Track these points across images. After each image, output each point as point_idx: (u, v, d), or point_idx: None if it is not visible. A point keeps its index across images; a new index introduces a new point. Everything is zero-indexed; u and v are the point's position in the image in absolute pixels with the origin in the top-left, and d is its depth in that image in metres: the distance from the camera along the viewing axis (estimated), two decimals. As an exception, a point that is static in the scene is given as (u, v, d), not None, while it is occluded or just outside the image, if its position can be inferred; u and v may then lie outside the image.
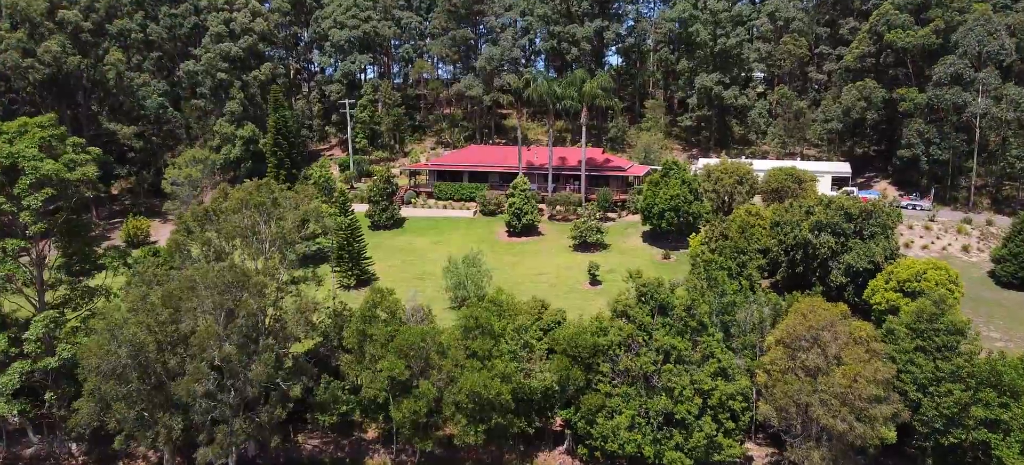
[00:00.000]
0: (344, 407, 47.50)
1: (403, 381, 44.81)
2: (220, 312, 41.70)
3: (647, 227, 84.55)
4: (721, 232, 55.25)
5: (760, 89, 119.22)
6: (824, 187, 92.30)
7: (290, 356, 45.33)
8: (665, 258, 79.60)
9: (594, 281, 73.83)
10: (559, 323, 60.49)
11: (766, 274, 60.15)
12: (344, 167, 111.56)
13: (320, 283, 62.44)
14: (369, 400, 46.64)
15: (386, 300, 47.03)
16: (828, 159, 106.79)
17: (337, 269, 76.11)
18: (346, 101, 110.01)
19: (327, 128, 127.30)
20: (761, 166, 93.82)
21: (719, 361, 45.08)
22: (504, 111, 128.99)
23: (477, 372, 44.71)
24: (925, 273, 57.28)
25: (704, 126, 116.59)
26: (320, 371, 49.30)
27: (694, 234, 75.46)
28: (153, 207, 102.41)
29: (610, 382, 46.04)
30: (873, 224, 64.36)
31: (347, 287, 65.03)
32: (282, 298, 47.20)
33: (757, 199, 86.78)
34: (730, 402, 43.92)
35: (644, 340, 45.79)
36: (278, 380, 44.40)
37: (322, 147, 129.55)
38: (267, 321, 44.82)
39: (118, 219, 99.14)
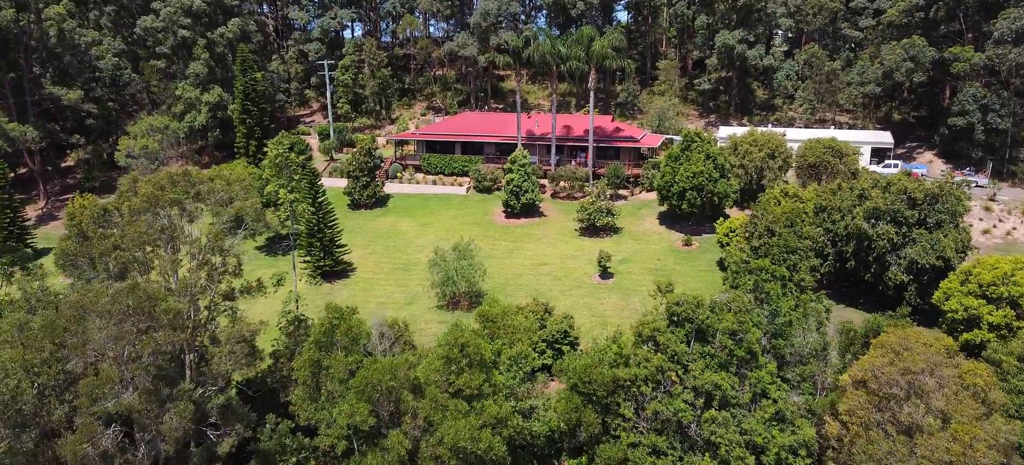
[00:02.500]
0: (294, 459, 37.36)
1: (367, 430, 34.63)
2: (121, 347, 31.33)
3: (664, 207, 73.91)
4: (767, 226, 44.73)
5: (784, 48, 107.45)
6: (863, 160, 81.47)
7: (220, 397, 34.93)
8: (686, 244, 69.10)
9: (605, 273, 63.43)
10: (566, 334, 50.39)
11: (817, 274, 49.68)
12: (325, 135, 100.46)
13: (280, 283, 52.24)
14: (325, 450, 36.51)
15: (346, 322, 36.54)
16: (863, 126, 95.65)
17: (307, 259, 65.66)
18: (324, 62, 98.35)
19: (307, 92, 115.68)
20: (794, 136, 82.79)
21: (775, 402, 34.87)
22: (501, 73, 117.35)
23: (462, 418, 34.43)
24: (1013, 275, 46.85)
25: (723, 90, 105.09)
26: (266, 408, 39.14)
27: (722, 220, 64.84)
28: (110, 182, 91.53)
29: (634, 428, 35.86)
30: (940, 210, 53.78)
31: (317, 281, 54.51)
32: (214, 318, 36.81)
33: (790, 175, 75.98)
34: (791, 459, 33.81)
35: (678, 376, 35.48)
36: (205, 429, 34.21)
37: (302, 113, 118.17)
38: (190, 355, 34.45)
39: (70, 196, 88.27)
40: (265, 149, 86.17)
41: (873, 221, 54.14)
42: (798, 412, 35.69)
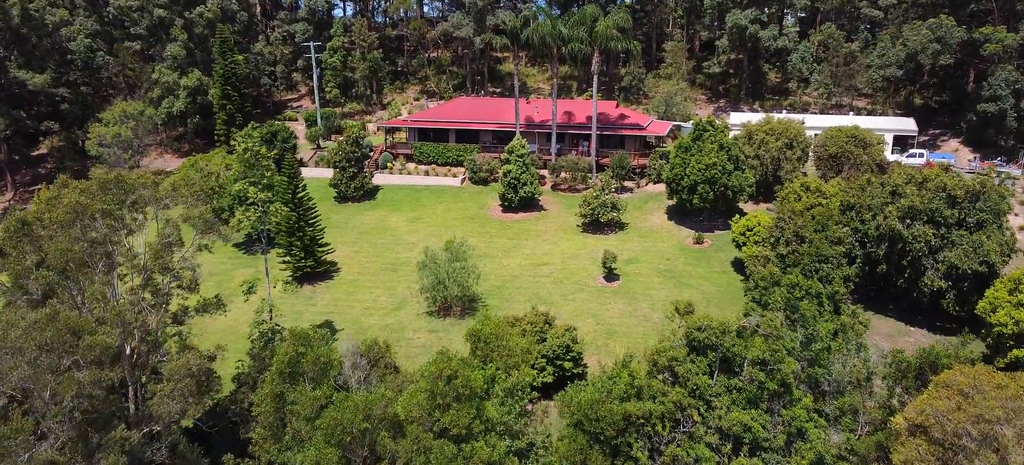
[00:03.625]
0: (254, 510, 32.33)
1: (337, 479, 29.61)
2: (41, 388, 26.22)
3: (673, 201, 68.60)
4: (795, 231, 39.47)
5: (796, 29, 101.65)
6: (886, 150, 75.95)
7: (165, 439, 29.81)
8: (697, 242, 63.88)
9: (610, 275, 58.26)
10: (568, 349, 45.27)
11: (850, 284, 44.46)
12: (312, 122, 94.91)
13: (251, 290, 47.14)
14: (290, 499, 31.54)
15: (313, 351, 31.36)
16: (883, 112, 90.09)
17: (286, 260, 60.48)
18: (311, 43, 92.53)
19: (294, 75, 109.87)
20: (811, 124, 77.33)
21: (813, 446, 29.83)
22: (499, 55, 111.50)
23: (449, 463, 29.43)
24: (1069, 285, 41.71)
25: (733, 73, 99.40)
26: (224, 446, 34.14)
27: (737, 217, 59.60)
28: (83, 171, 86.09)
29: (648, 474, 30.82)
30: (981, 209, 48.54)
31: (292, 288, 49.35)
32: (160, 346, 31.67)
33: (809, 166, 70.64)
34: (834, 515, 28.86)
35: (701, 414, 30.40)
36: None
37: (290, 97, 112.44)
38: (132, 388, 29.34)
39: (40, 187, 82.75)
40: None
41: (908, 221, 48.92)
42: (839, 454, 30.67)
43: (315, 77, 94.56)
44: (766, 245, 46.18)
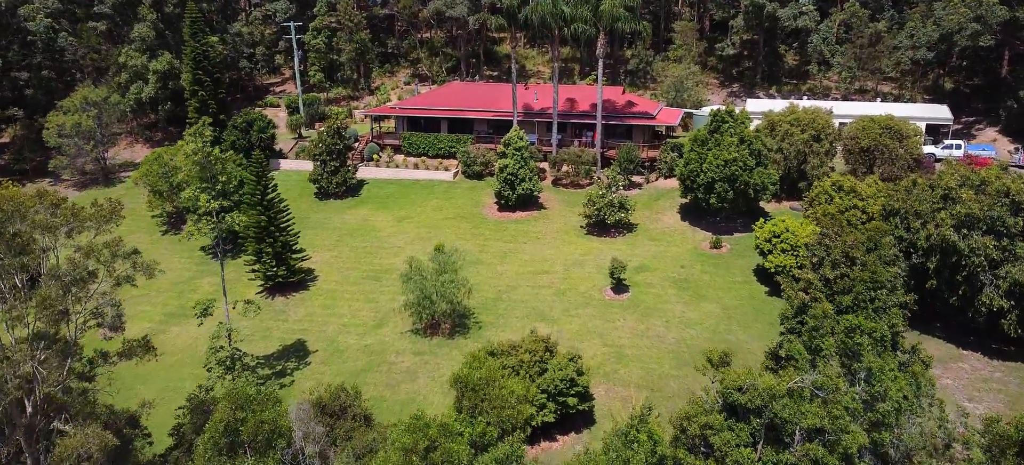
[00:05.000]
0: None
1: None
2: None
3: (686, 199, 62.07)
4: (844, 251, 32.92)
5: (815, 7, 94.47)
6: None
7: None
8: (714, 246, 57.42)
9: (619, 286, 51.84)
10: (573, 382, 38.87)
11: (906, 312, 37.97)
12: (293, 109, 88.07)
13: (205, 313, 40.74)
14: None
15: (255, 415, 25.00)
16: (911, 98, 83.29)
17: (255, 269, 54.05)
18: (292, 23, 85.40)
19: (277, 58, 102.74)
20: (839, 112, 70.56)
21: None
22: (496, 35, 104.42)
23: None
24: None
25: (747, 55, 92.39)
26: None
27: (761, 221, 53.07)
28: (42, 165, 79.44)
29: None
30: (1046, 216, 42.05)
31: (254, 311, 42.86)
32: (51, 423, 25.27)
33: (837, 161, 64.03)
34: None
35: (742, 500, 24.09)
36: None
37: (273, 81, 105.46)
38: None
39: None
40: (223, 120, 74.29)
41: (964, 231, 42.41)
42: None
43: (296, 60, 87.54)
44: (805, 264, 39.59)
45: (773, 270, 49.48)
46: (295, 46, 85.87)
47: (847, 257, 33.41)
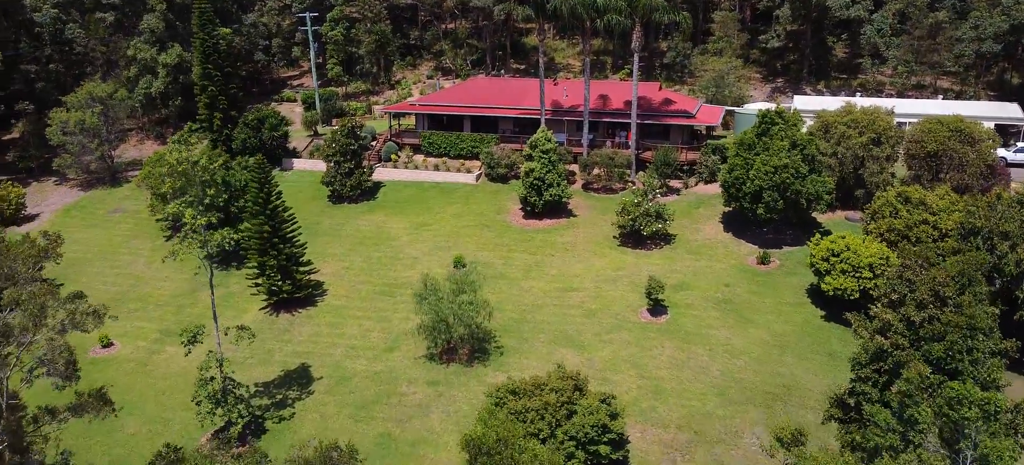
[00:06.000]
0: None
1: None
2: None
3: (730, 208, 56.55)
4: (932, 289, 27.40)
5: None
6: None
7: None
8: (762, 262, 51.90)
9: (657, 308, 46.66)
10: (605, 428, 33.80)
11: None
12: (310, 104, 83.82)
13: (194, 340, 36.63)
14: None
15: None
16: (974, 95, 76.49)
17: (258, 284, 49.78)
18: (307, 14, 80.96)
19: (294, 50, 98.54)
20: (901, 111, 64.23)
21: None
22: (523, 26, 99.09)
23: None
24: None
25: (792, 48, 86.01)
26: None
27: (817, 237, 47.44)
28: (47, 163, 75.99)
29: None
30: None
31: (246, 336, 38.45)
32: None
33: (898, 167, 57.96)
34: None
35: None
36: None
37: (291, 74, 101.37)
38: None
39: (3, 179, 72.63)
40: (234, 117, 70.34)
41: (1064, 257, 36.59)
42: None
43: (312, 53, 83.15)
44: (869, 288, 34.06)
45: (831, 294, 43.95)
46: (310, 38, 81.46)
47: (937, 295, 27.94)
